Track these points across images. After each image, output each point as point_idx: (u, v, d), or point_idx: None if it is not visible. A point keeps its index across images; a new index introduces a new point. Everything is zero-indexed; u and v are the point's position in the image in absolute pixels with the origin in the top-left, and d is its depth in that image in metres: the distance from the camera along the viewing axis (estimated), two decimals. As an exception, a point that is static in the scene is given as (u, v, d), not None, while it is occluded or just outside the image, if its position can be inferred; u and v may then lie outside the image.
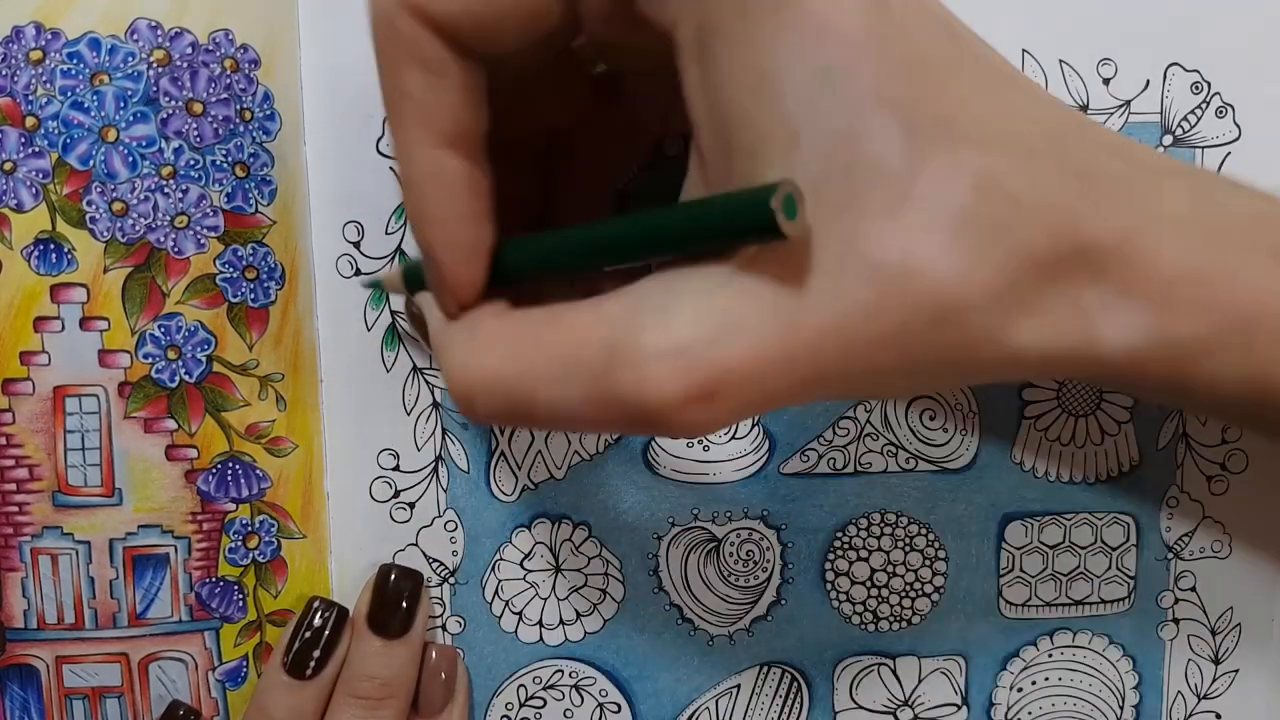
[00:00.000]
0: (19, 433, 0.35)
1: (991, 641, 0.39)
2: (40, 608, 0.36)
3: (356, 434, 0.36)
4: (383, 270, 0.35)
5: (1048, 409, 0.38)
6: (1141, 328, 0.23)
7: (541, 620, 0.38)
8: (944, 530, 0.38)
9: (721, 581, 0.38)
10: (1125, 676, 0.39)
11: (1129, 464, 0.38)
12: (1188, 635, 0.39)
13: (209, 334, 0.35)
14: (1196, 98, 0.36)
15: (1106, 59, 0.36)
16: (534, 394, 0.24)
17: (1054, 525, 0.38)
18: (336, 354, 0.36)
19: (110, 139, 0.34)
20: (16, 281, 0.34)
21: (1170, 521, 0.38)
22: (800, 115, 0.22)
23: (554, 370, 0.24)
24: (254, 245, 0.35)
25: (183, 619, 0.36)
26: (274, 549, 0.36)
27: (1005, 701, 0.39)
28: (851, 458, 0.37)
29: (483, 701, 0.38)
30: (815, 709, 0.39)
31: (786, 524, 0.38)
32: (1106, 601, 0.39)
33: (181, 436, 0.35)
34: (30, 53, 0.33)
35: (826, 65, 0.22)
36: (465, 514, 0.37)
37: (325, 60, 0.35)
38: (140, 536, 0.36)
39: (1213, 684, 0.39)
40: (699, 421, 0.22)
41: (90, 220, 0.34)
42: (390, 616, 0.35)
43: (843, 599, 0.38)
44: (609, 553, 0.38)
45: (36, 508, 0.35)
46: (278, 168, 0.35)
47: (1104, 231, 0.23)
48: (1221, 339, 0.24)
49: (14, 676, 0.36)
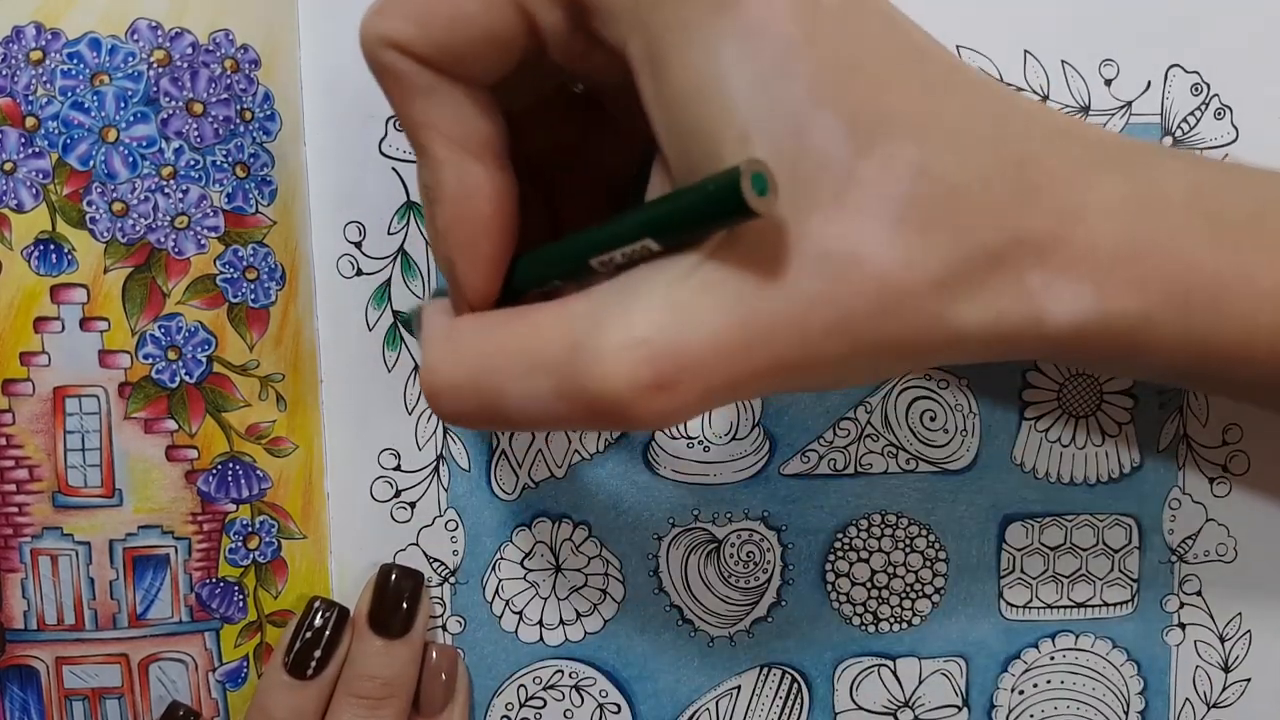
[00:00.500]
0: (19, 433, 0.35)
1: (992, 643, 0.39)
2: (40, 608, 0.36)
3: (357, 434, 0.36)
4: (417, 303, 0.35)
5: (1048, 410, 0.37)
6: (1084, 305, 0.24)
7: (542, 620, 0.38)
8: (944, 531, 0.38)
9: (722, 582, 0.38)
10: (1130, 681, 0.39)
11: (1130, 465, 0.38)
12: (1195, 641, 0.39)
13: (209, 334, 0.35)
14: (1196, 99, 0.36)
15: (1109, 60, 0.36)
16: (501, 391, 0.25)
17: (1055, 526, 0.38)
18: (337, 354, 0.36)
19: (110, 139, 0.34)
20: (16, 282, 0.34)
21: (1173, 524, 0.38)
22: (748, 116, 0.23)
23: (520, 367, 0.24)
24: (254, 245, 0.35)
25: (183, 620, 0.36)
26: (274, 549, 0.36)
27: (1006, 704, 0.39)
28: (852, 459, 0.37)
29: (483, 701, 0.38)
30: (815, 710, 0.39)
31: (787, 525, 0.38)
32: (1109, 604, 0.39)
33: (182, 437, 0.35)
34: (30, 53, 0.33)
35: (766, 68, 0.23)
36: (466, 513, 0.37)
37: (325, 60, 0.35)
38: (140, 537, 0.36)
39: (1223, 692, 0.39)
40: (662, 411, 0.23)
41: (90, 220, 0.34)
42: (391, 616, 0.35)
43: (843, 600, 0.38)
44: (609, 553, 0.38)
45: (36, 508, 0.35)
46: (278, 168, 0.35)
47: (1042, 216, 0.24)
48: (1160, 310, 0.25)
49: (14, 677, 0.36)
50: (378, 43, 0.25)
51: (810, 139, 0.22)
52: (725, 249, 0.23)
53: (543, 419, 0.25)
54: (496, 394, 0.25)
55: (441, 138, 0.26)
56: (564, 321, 0.24)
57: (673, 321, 0.22)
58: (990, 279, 0.24)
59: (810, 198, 0.22)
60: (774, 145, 0.22)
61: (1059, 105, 0.36)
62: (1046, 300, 0.24)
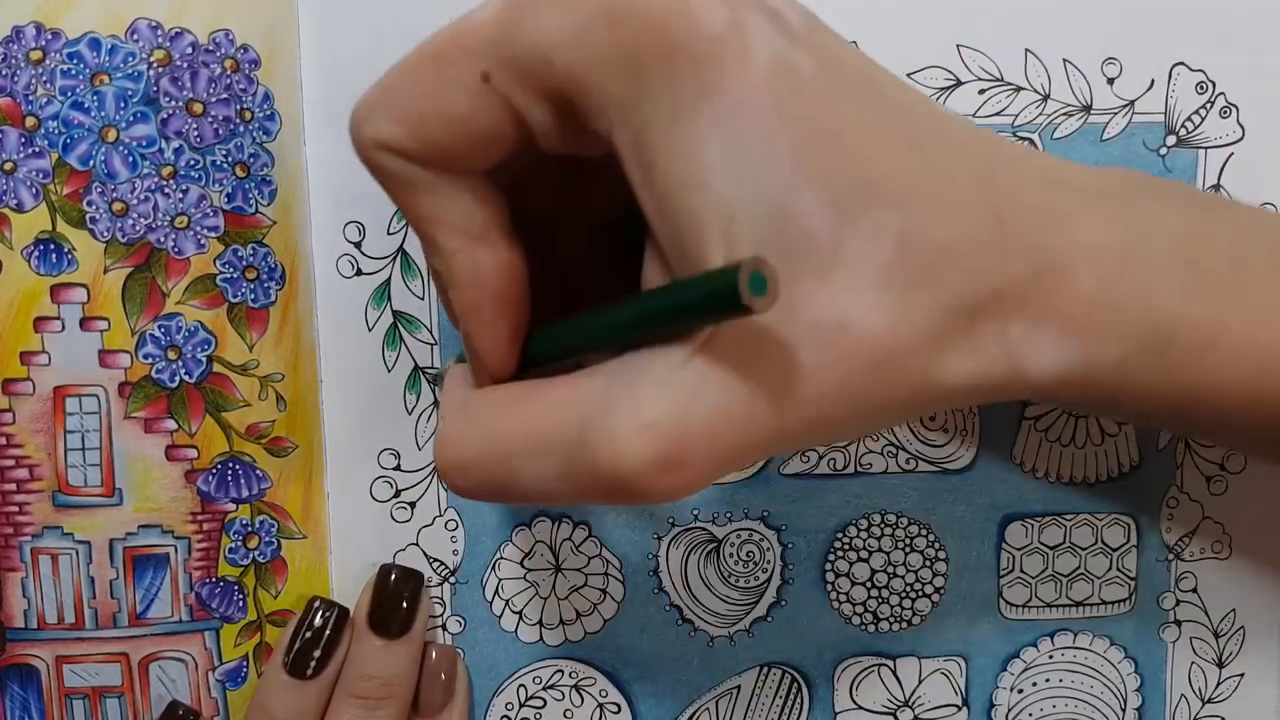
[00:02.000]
0: (19, 433, 0.35)
1: (992, 642, 0.39)
2: (40, 607, 0.36)
3: (357, 434, 0.36)
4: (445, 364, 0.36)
5: (1048, 409, 0.38)
6: (1064, 355, 0.25)
7: (541, 620, 0.38)
8: (944, 531, 0.38)
9: (722, 582, 0.38)
10: (1127, 679, 0.39)
11: (1129, 464, 0.38)
12: (1190, 638, 0.39)
13: (209, 334, 0.35)
14: (1201, 98, 0.36)
15: (1111, 58, 0.36)
16: (513, 470, 0.26)
17: (1054, 526, 0.38)
18: (337, 354, 0.36)
19: (110, 139, 0.34)
20: (16, 282, 0.34)
21: (1170, 522, 0.38)
22: (733, 199, 0.23)
23: (532, 447, 0.25)
24: (254, 245, 0.35)
25: (183, 619, 0.36)
26: (274, 549, 0.36)
27: (1006, 703, 0.39)
28: (852, 458, 0.37)
29: (483, 701, 0.38)
30: (815, 710, 0.39)
31: (787, 524, 0.38)
32: (1107, 603, 0.39)
33: (181, 436, 0.35)
34: (30, 53, 0.33)
35: (747, 149, 0.23)
36: (466, 513, 0.37)
37: (325, 60, 0.34)
38: (140, 536, 0.36)
39: (1217, 688, 0.39)
40: (669, 488, 0.23)
41: (90, 220, 0.34)
42: (390, 616, 0.35)
43: (843, 600, 0.38)
44: (609, 553, 0.38)
45: (36, 508, 0.35)
46: (278, 168, 0.35)
47: (1021, 270, 0.25)
48: (1140, 358, 0.26)
49: (14, 676, 0.36)
50: (370, 145, 0.26)
51: (794, 216, 0.23)
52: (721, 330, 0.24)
53: (553, 496, 0.25)
54: (508, 473, 0.26)
55: (445, 228, 0.27)
56: (573, 404, 0.25)
57: (677, 404, 0.23)
58: (973, 333, 0.24)
59: (798, 271, 0.23)
60: (759, 225, 0.23)
61: (1060, 104, 0.36)
62: (1028, 351, 0.25)
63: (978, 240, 0.24)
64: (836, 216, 0.23)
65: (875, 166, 0.24)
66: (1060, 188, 0.26)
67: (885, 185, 0.24)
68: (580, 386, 0.25)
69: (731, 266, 0.21)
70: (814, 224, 0.23)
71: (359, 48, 0.34)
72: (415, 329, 0.36)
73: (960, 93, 0.36)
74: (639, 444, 0.23)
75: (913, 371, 0.24)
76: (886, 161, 0.24)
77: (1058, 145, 0.36)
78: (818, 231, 0.23)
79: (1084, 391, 0.26)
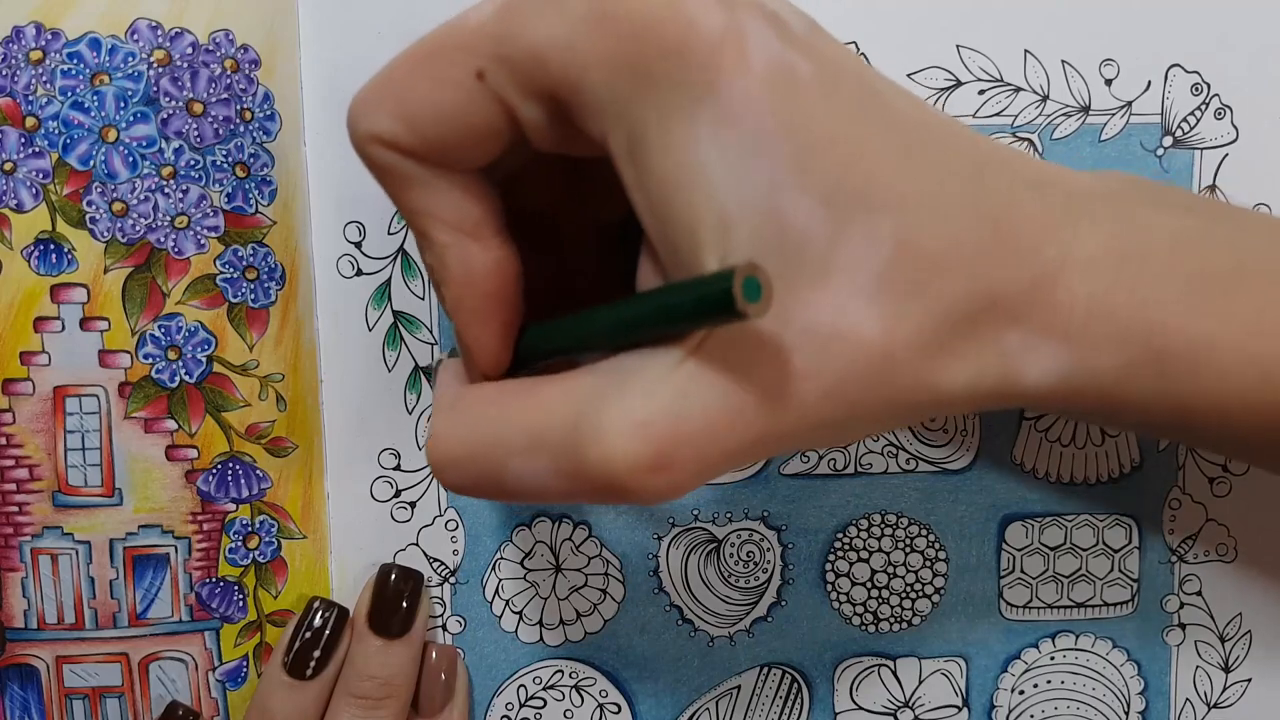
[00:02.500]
0: (19, 433, 0.35)
1: (992, 643, 0.39)
2: (40, 608, 0.36)
3: (357, 434, 0.36)
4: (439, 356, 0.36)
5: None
6: (1060, 364, 0.25)
7: (542, 620, 0.38)
8: (944, 531, 0.38)
9: (722, 582, 0.38)
10: (1130, 681, 0.39)
11: (1130, 465, 0.38)
12: (1195, 641, 0.39)
13: (209, 334, 0.35)
14: (1196, 99, 0.36)
15: (1109, 59, 0.36)
16: (503, 467, 0.26)
17: (1055, 526, 0.38)
18: (337, 354, 0.36)
19: (110, 139, 0.34)
20: (16, 282, 0.34)
21: (1173, 524, 0.38)
22: (728, 202, 0.23)
23: (522, 444, 0.25)
24: (254, 245, 0.35)
25: (183, 619, 0.36)
26: (274, 549, 0.36)
27: (1006, 704, 0.39)
28: (852, 458, 0.37)
29: (483, 701, 0.38)
30: (815, 710, 0.39)
31: (787, 525, 0.38)
32: (1109, 604, 0.39)
33: (182, 437, 0.35)
34: (30, 53, 0.33)
35: (743, 152, 0.23)
36: (466, 513, 0.37)
37: (325, 60, 0.35)
38: (140, 536, 0.36)
39: (1223, 693, 0.39)
40: (660, 488, 0.23)
41: (90, 220, 0.34)
42: (390, 616, 0.35)
43: (843, 600, 0.38)
44: (609, 553, 0.38)
45: (36, 508, 0.35)
46: (278, 168, 0.35)
47: (1018, 273, 0.25)
48: (1137, 370, 0.25)
49: (14, 676, 0.36)
50: (365, 139, 0.26)
51: (789, 221, 0.23)
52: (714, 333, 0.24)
53: (542, 494, 0.25)
54: (498, 469, 0.26)
55: (439, 223, 0.27)
56: (565, 402, 0.25)
57: (669, 404, 0.23)
58: (968, 340, 0.24)
59: (793, 275, 0.23)
60: (754, 229, 0.23)
61: (1059, 105, 0.36)
62: (1023, 360, 0.25)
63: (974, 247, 0.24)
64: (832, 221, 0.23)
65: (871, 171, 0.24)
66: (1057, 194, 0.26)
67: (881, 191, 0.24)
68: (572, 384, 0.25)
69: (726, 271, 0.21)
70: (809, 228, 0.23)
71: (359, 48, 0.34)
72: (415, 329, 0.36)
73: (960, 93, 0.36)
74: (629, 444, 0.23)
75: (907, 378, 0.24)
76: (883, 167, 0.24)
77: (1057, 145, 0.36)
78: (813, 236, 0.23)
79: (1082, 401, 0.26)
